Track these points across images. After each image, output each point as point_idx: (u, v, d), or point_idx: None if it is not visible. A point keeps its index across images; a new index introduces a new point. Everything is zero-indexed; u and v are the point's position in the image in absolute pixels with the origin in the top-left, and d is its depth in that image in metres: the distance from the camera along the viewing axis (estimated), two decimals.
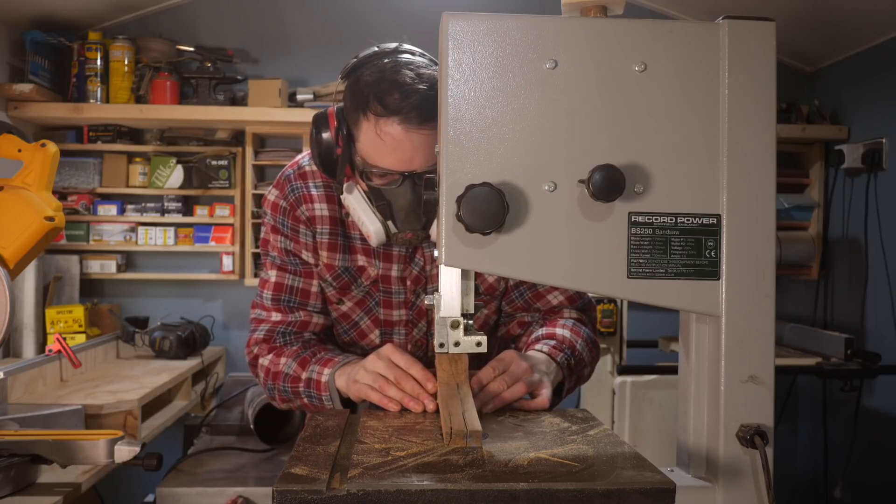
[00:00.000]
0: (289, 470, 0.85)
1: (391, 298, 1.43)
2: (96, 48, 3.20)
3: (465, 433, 0.96)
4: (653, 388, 2.83)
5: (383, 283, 1.42)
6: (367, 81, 1.22)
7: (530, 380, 1.21)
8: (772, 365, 0.91)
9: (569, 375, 1.33)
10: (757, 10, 1.47)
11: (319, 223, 1.40)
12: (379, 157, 1.23)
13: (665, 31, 0.90)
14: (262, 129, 3.36)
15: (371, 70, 1.23)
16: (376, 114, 1.20)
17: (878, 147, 3.09)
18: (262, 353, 1.42)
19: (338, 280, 1.42)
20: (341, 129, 1.27)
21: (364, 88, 1.22)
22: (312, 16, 3.50)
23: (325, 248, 1.40)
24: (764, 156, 0.90)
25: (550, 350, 1.32)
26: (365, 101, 1.21)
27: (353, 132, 1.26)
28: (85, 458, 1.47)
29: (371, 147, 1.23)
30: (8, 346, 2.93)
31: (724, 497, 0.90)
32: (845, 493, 3.00)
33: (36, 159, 1.41)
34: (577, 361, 1.34)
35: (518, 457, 0.91)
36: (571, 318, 1.43)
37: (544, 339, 1.36)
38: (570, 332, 1.38)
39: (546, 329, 1.40)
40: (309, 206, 1.40)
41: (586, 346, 1.39)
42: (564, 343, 1.34)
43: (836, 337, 2.97)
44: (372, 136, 1.22)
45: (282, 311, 1.42)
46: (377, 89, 1.20)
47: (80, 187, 3.31)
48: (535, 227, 0.89)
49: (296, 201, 1.40)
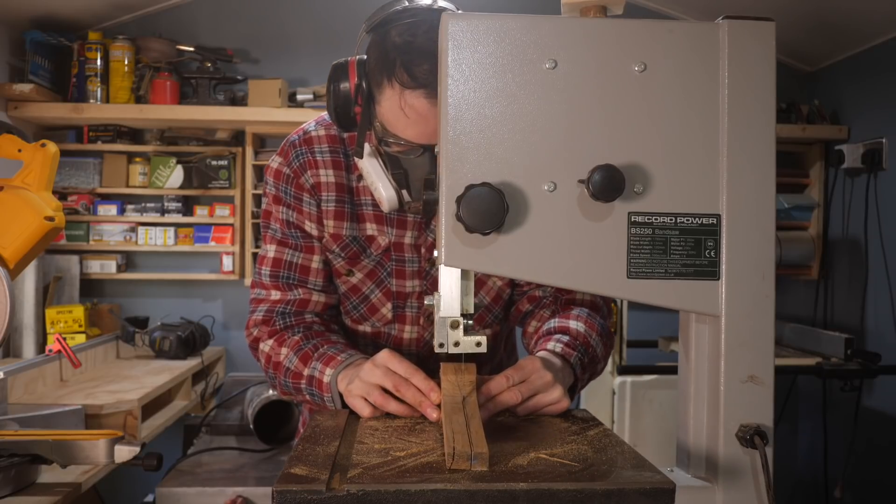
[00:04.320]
0: (288, 470, 0.85)
1: (404, 267, 1.36)
2: (96, 48, 3.20)
3: (470, 455, 0.87)
4: (653, 388, 2.83)
5: (396, 251, 1.35)
6: (395, 43, 1.12)
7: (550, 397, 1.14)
8: (772, 365, 0.91)
9: (581, 375, 1.26)
10: (757, 10, 1.47)
11: (325, 190, 1.33)
12: (401, 128, 1.16)
13: (665, 31, 0.90)
14: (262, 129, 3.37)
15: (400, 30, 1.13)
16: (402, 83, 1.11)
17: (878, 147, 3.09)
18: (262, 336, 1.35)
19: (346, 250, 1.35)
20: (361, 86, 1.19)
21: (391, 51, 1.12)
22: (312, 16, 3.50)
23: (332, 216, 1.33)
24: (764, 156, 0.90)
25: (563, 349, 1.25)
26: (391, 65, 1.12)
27: (374, 93, 1.18)
28: (85, 458, 1.47)
29: (393, 116, 1.16)
30: (8, 346, 2.93)
31: (723, 497, 0.90)
32: (845, 493, 3.00)
33: (36, 159, 1.41)
34: (590, 359, 1.28)
35: (518, 457, 0.91)
36: (585, 308, 1.36)
37: (557, 332, 1.29)
38: (584, 324, 1.30)
39: (559, 321, 1.32)
40: (314, 171, 1.33)
41: (600, 340, 1.31)
42: (578, 339, 1.27)
43: (835, 337, 2.98)
44: (395, 106, 1.14)
45: (280, 288, 1.35)
46: (406, 57, 1.11)
47: (80, 187, 3.31)
48: (534, 227, 0.89)
49: (300, 168, 1.33)
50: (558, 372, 1.18)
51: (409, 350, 1.41)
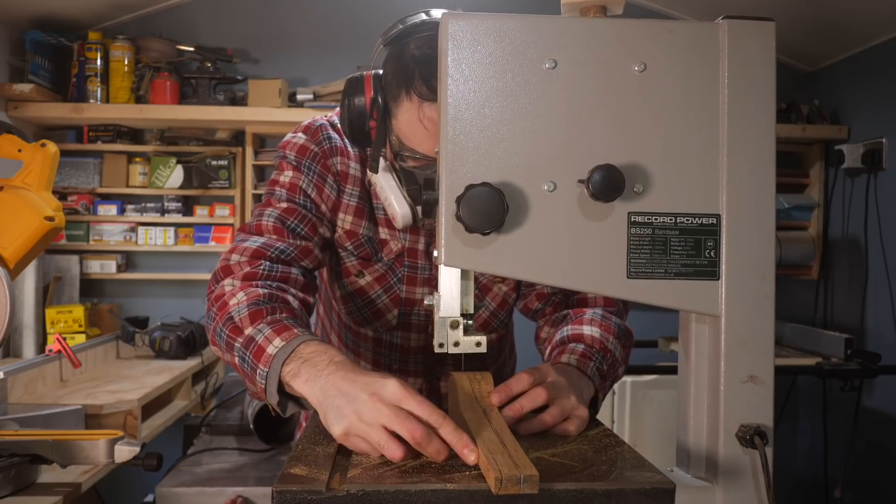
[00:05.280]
0: (288, 470, 0.85)
1: (416, 274, 1.32)
2: (96, 48, 3.20)
3: (519, 479, 0.78)
4: (653, 388, 2.83)
5: (409, 257, 1.31)
6: (413, 56, 1.11)
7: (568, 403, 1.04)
8: (771, 365, 0.91)
9: (602, 384, 1.18)
10: (757, 10, 1.47)
11: (350, 183, 1.27)
12: (418, 142, 1.13)
13: (665, 31, 0.90)
14: (262, 129, 3.37)
15: (419, 42, 1.11)
16: (421, 96, 1.10)
17: (878, 147, 3.09)
18: (236, 270, 1.16)
19: (359, 249, 1.30)
20: (377, 101, 1.16)
21: (410, 64, 1.11)
22: (312, 16, 3.50)
23: (352, 212, 1.28)
24: (764, 156, 0.90)
25: (579, 361, 1.16)
26: (410, 78, 1.10)
27: (390, 107, 1.15)
28: (85, 458, 1.47)
29: (410, 130, 1.13)
30: (8, 346, 2.93)
31: (723, 497, 0.90)
32: (845, 493, 3.00)
33: (36, 159, 1.41)
34: (609, 365, 1.20)
35: None
36: (599, 310, 1.29)
37: (571, 341, 1.22)
38: (599, 328, 1.23)
39: (572, 328, 1.25)
40: (344, 160, 1.27)
41: (618, 342, 1.24)
42: (594, 346, 1.20)
43: (835, 337, 2.98)
44: (413, 119, 1.12)
45: (285, 233, 1.21)
46: (425, 69, 1.08)
47: (80, 187, 3.31)
48: (534, 227, 0.89)
49: (330, 150, 1.27)
50: (575, 380, 1.11)
51: (417, 359, 1.40)
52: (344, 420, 0.90)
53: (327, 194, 1.27)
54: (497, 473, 0.78)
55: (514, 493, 0.78)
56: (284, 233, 1.22)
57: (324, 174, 1.27)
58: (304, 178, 1.25)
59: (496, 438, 0.88)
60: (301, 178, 1.25)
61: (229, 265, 1.17)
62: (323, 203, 1.27)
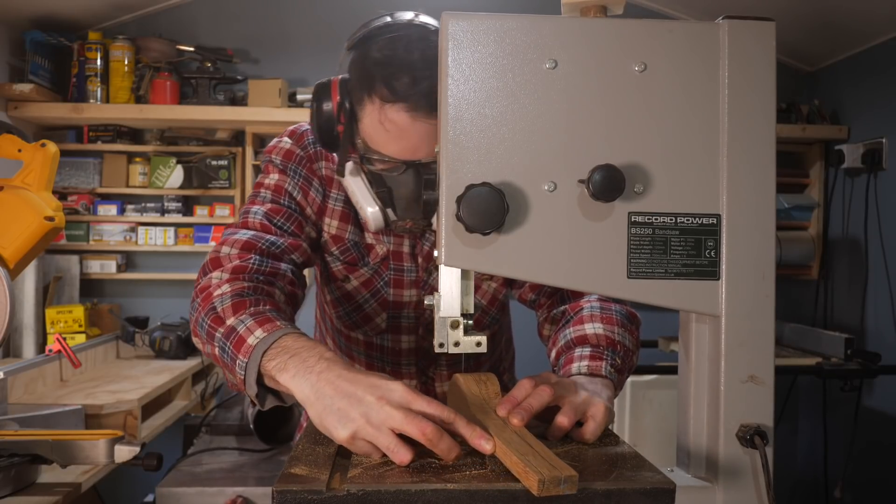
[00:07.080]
0: (288, 470, 0.85)
1: (403, 277, 1.32)
2: (96, 48, 3.20)
3: (560, 479, 0.77)
4: (653, 388, 2.83)
5: (395, 259, 1.31)
6: (374, 59, 1.12)
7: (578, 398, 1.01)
8: (771, 365, 0.91)
9: (620, 379, 1.14)
10: (757, 10, 1.47)
11: (335, 187, 1.28)
12: (382, 144, 1.14)
13: (665, 31, 0.90)
14: (262, 129, 3.37)
15: (380, 45, 1.13)
16: (382, 98, 1.11)
17: (878, 147, 3.09)
18: (225, 262, 1.14)
19: (345, 254, 1.31)
20: (344, 105, 1.17)
21: (371, 67, 1.12)
22: (312, 16, 3.50)
23: (338, 216, 1.29)
24: (764, 156, 0.90)
25: (590, 366, 1.11)
26: (371, 81, 1.12)
27: (356, 111, 1.16)
28: (85, 458, 1.47)
29: (374, 132, 1.14)
30: (8, 346, 2.93)
31: (723, 497, 0.90)
32: (845, 493, 3.00)
33: (36, 159, 1.41)
34: (622, 357, 1.15)
35: None
36: (594, 299, 1.25)
37: (576, 345, 1.17)
38: (601, 324, 1.19)
39: (574, 331, 1.20)
40: (329, 164, 1.28)
41: (624, 330, 1.19)
42: (601, 344, 1.15)
43: (835, 337, 2.98)
44: (375, 122, 1.13)
45: (272, 230, 1.21)
46: (385, 71, 1.10)
47: (80, 187, 3.31)
48: (534, 227, 0.89)
49: (315, 154, 1.28)
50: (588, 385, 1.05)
51: (409, 361, 1.39)
52: (351, 424, 0.86)
53: (313, 197, 1.28)
54: (539, 475, 0.77)
55: (556, 495, 0.77)
56: (272, 229, 1.22)
57: (309, 178, 1.28)
58: (289, 181, 1.26)
59: (520, 440, 0.86)
60: (287, 180, 1.26)
61: (219, 257, 1.16)
62: (308, 206, 1.27)
